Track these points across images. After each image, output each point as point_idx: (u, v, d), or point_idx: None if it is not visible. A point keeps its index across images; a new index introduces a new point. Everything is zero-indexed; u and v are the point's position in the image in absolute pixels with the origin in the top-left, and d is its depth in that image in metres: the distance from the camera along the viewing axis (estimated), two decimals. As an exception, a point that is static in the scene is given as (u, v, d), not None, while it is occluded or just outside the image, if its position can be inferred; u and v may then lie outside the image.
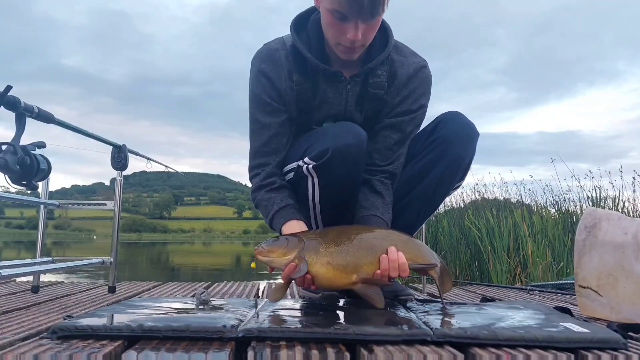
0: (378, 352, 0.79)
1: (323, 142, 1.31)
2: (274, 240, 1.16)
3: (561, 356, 0.79)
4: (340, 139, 1.29)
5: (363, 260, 1.11)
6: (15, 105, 1.23)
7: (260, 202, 1.40)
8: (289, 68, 1.39)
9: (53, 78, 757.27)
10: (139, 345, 0.81)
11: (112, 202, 1.81)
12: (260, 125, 1.41)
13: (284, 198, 1.36)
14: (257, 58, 1.42)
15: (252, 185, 1.44)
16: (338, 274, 1.10)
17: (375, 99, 1.42)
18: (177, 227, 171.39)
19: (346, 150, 1.29)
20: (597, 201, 4.50)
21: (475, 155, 1.44)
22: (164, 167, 2.38)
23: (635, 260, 1.21)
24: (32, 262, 1.69)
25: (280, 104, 1.40)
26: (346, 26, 1.23)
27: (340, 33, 1.25)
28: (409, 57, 1.45)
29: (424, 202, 1.46)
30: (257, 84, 1.40)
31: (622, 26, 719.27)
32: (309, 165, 1.32)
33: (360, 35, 1.24)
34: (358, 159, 1.33)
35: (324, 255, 1.10)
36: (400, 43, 1.46)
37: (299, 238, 1.14)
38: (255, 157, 1.43)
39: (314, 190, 1.36)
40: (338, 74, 1.38)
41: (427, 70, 1.46)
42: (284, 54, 1.39)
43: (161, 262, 11.31)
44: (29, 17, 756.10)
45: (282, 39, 1.43)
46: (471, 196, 5.63)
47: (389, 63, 1.41)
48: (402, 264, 1.12)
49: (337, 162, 1.29)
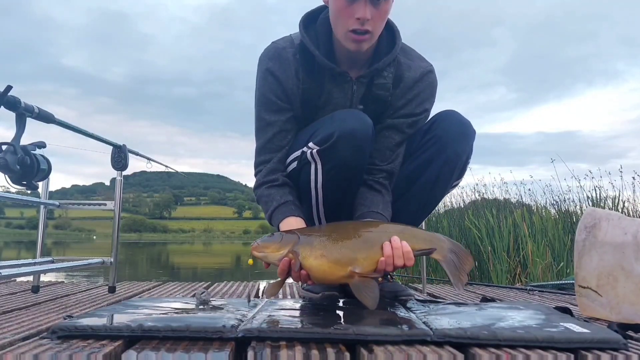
0: (378, 352, 0.79)
1: (328, 126, 1.30)
2: (270, 236, 1.15)
3: (561, 356, 0.79)
4: (346, 124, 1.29)
5: (358, 252, 1.11)
6: (15, 105, 1.23)
7: (261, 197, 1.41)
8: (296, 67, 1.39)
9: (52, 78, 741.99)
10: (139, 345, 0.81)
11: (112, 202, 1.81)
12: (265, 123, 1.41)
13: (284, 194, 1.37)
14: (264, 56, 1.42)
15: (256, 181, 1.44)
16: (332, 267, 1.09)
17: (380, 100, 1.42)
18: (177, 227, 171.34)
19: (352, 134, 1.29)
20: (597, 201, 4.50)
21: (473, 155, 1.44)
22: (164, 167, 2.38)
23: (635, 260, 1.21)
24: (32, 262, 1.69)
25: (286, 102, 1.41)
26: (355, 7, 1.25)
27: (350, 16, 1.26)
28: (416, 61, 1.45)
29: (422, 201, 1.46)
30: (264, 83, 1.41)
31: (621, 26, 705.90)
32: (313, 150, 1.32)
33: (369, 14, 1.25)
34: (363, 144, 1.32)
35: (318, 249, 1.10)
36: (408, 46, 1.47)
37: (294, 234, 1.14)
38: (260, 154, 1.43)
39: (317, 177, 1.35)
40: (345, 74, 1.39)
41: (433, 75, 1.46)
42: (292, 52, 1.39)
43: (161, 262, 11.31)
44: (28, 16, 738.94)
45: (291, 37, 1.43)
46: (471, 196, 5.63)
47: (395, 65, 1.41)
48: (406, 252, 1.11)
49: (342, 145, 1.29)
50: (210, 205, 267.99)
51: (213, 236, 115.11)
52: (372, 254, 1.11)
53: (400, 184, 1.46)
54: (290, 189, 1.40)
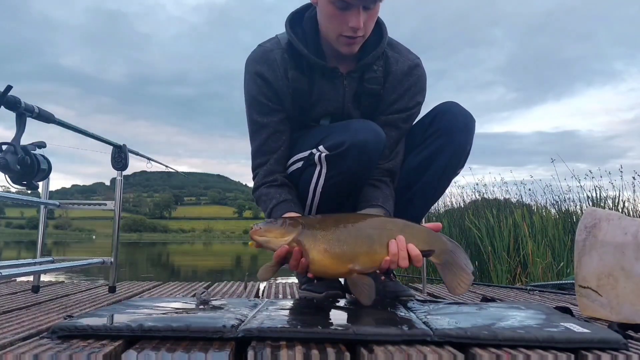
0: (378, 352, 0.79)
1: (341, 134, 1.31)
2: (272, 220, 1.13)
3: (561, 356, 0.79)
4: (360, 134, 1.29)
5: (360, 249, 1.09)
6: (15, 105, 1.23)
7: (260, 197, 1.41)
8: (284, 67, 1.39)
9: (51, 78, 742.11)
10: (139, 345, 0.81)
11: (113, 202, 1.81)
12: (259, 125, 1.41)
13: (282, 193, 1.37)
14: (251, 60, 1.42)
15: (254, 184, 1.44)
16: (334, 262, 1.08)
17: (372, 95, 1.42)
18: (178, 227, 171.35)
19: (363, 146, 1.29)
20: (597, 201, 4.50)
21: (472, 155, 1.47)
22: (164, 167, 2.38)
23: (635, 260, 1.21)
24: (33, 262, 1.69)
25: (277, 104, 1.41)
26: (348, 15, 1.24)
27: (342, 23, 1.26)
28: (402, 54, 1.45)
29: (429, 193, 1.47)
30: (253, 86, 1.40)
31: (620, 26, 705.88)
32: (322, 154, 1.32)
33: (362, 23, 1.24)
34: (373, 157, 1.33)
35: (321, 242, 1.08)
36: (394, 40, 1.47)
37: (297, 221, 1.12)
38: (256, 157, 1.43)
39: (319, 180, 1.36)
40: (335, 70, 1.39)
41: (421, 68, 1.47)
42: (279, 53, 1.39)
43: (161, 262, 11.32)
44: (26, 16, 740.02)
45: (277, 38, 1.43)
46: (471, 196, 5.63)
47: (383, 59, 1.42)
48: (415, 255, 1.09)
49: (351, 155, 1.29)
50: (211, 205, 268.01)
51: (213, 236, 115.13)
52: (374, 252, 1.10)
53: (407, 177, 1.46)
54: (289, 189, 1.40)
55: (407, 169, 1.46)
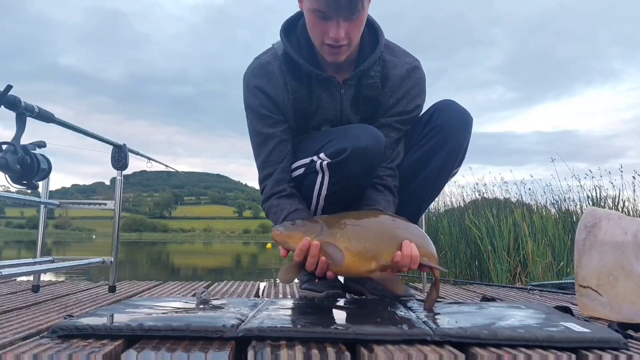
0: (378, 351, 0.79)
1: (342, 140, 1.30)
2: (292, 222, 1.13)
3: (562, 356, 0.79)
4: (361, 140, 1.29)
5: (383, 248, 1.09)
6: (15, 105, 1.23)
7: (271, 208, 1.39)
8: (283, 79, 1.38)
9: (49, 77, 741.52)
10: (139, 344, 0.81)
11: (113, 202, 1.81)
12: (265, 136, 1.40)
13: (293, 203, 1.36)
14: (249, 74, 1.41)
15: (263, 195, 1.43)
16: (357, 261, 1.07)
17: (370, 100, 1.42)
18: (178, 227, 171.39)
19: (364, 152, 1.29)
20: (597, 201, 4.50)
21: (471, 155, 1.47)
22: (164, 167, 2.38)
23: (635, 260, 1.21)
24: (33, 262, 1.69)
25: (279, 115, 1.40)
26: (328, 25, 1.23)
27: (323, 32, 1.25)
28: (400, 57, 1.44)
29: (426, 191, 1.47)
30: (254, 100, 1.40)
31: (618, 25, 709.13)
32: (324, 161, 1.31)
33: (342, 34, 1.23)
34: (374, 162, 1.34)
35: (341, 242, 1.07)
36: (391, 42, 1.46)
37: (317, 222, 1.11)
38: (264, 168, 1.42)
39: (322, 187, 1.35)
40: (331, 79, 1.38)
41: (420, 71, 1.46)
42: (277, 65, 1.39)
43: (161, 261, 11.32)
44: (25, 16, 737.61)
45: (274, 49, 1.42)
46: (471, 196, 5.64)
47: (381, 63, 1.41)
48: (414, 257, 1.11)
49: (353, 161, 1.29)
50: (211, 205, 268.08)
51: (213, 235, 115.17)
52: (392, 250, 1.10)
53: (404, 175, 1.46)
54: (299, 199, 1.39)
55: (404, 167, 1.46)
